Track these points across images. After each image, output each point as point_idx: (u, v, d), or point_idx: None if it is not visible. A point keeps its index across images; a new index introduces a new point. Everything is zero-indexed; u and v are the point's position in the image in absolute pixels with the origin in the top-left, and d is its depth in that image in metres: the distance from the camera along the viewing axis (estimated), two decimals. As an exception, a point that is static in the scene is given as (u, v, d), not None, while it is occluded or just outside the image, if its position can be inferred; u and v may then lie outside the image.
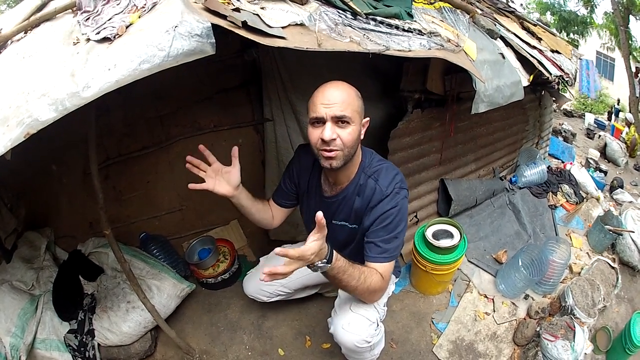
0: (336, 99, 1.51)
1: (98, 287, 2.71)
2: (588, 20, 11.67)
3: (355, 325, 1.85)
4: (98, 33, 1.42)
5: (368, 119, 1.65)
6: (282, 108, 2.80)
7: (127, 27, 1.41)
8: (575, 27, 11.61)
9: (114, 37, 1.37)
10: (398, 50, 1.88)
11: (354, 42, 1.77)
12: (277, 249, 1.38)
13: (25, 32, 1.78)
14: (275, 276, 1.34)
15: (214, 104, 2.91)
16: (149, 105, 2.74)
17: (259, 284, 2.40)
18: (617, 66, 14.92)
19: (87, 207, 2.80)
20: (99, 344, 2.51)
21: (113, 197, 2.89)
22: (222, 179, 1.80)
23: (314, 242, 1.38)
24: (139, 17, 1.46)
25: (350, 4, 2.00)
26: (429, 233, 2.61)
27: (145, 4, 1.53)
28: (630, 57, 10.92)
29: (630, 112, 9.40)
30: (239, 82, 2.91)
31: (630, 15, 11.07)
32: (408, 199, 1.75)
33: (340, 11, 1.95)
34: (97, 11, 1.62)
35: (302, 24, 1.69)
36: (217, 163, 1.78)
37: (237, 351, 2.59)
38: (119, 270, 2.71)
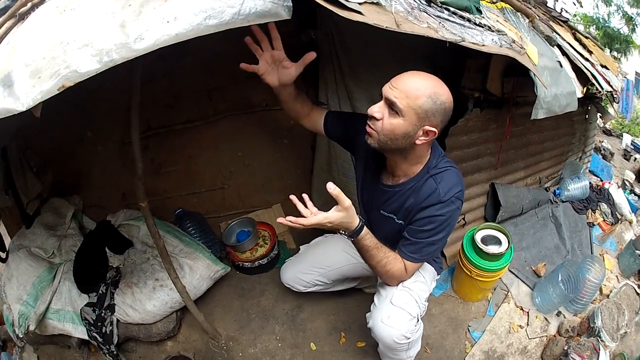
0: (403, 86, 1.44)
1: (125, 261, 2.64)
2: (629, 38, 11.52)
3: (396, 318, 1.80)
4: None
5: (435, 130, 1.49)
6: (338, 93, 2.69)
7: None
8: (618, 45, 11.47)
9: None
10: (473, 43, 1.79)
11: (432, 28, 1.67)
12: (292, 197, 1.58)
13: None
14: (294, 223, 1.47)
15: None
16: (198, 77, 2.63)
17: (298, 272, 2.34)
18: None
19: (122, 177, 2.74)
20: (118, 320, 2.42)
21: (151, 169, 2.81)
22: (275, 69, 1.74)
23: (335, 214, 1.52)
24: None
25: None
26: (478, 237, 2.52)
27: None
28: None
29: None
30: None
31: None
32: (460, 211, 1.68)
33: None
34: None
35: (377, 3, 1.58)
36: (281, 52, 1.68)
37: (267, 341, 2.52)
38: (150, 245, 2.64)
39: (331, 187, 1.45)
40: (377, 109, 1.48)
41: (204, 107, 2.78)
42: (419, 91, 1.43)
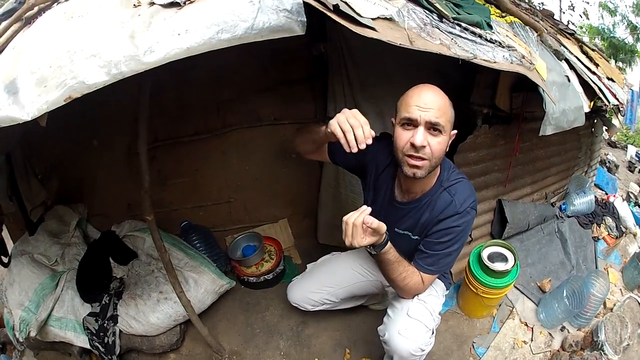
0: (433, 103, 1.43)
1: (129, 272, 2.63)
2: (634, 48, 11.53)
3: (413, 330, 1.80)
4: None
5: (456, 131, 1.56)
6: (347, 107, 2.67)
7: None
8: (623, 55, 11.48)
9: (184, 2, 1.21)
10: (485, 60, 1.78)
11: (445, 45, 1.67)
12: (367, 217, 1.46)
13: None
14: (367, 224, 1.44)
15: (276, 95, 2.81)
16: (207, 90, 2.63)
17: (306, 291, 2.32)
18: (660, 97, 14.68)
19: (128, 187, 2.71)
20: (120, 331, 2.41)
21: (157, 180, 2.80)
22: None
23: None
24: None
25: (437, 5, 1.92)
26: (484, 254, 2.51)
27: None
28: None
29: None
30: (304, 76, 2.81)
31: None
32: (473, 220, 1.70)
33: (427, 11, 1.86)
34: None
35: (391, 19, 1.58)
36: None
37: (271, 357, 2.50)
38: (155, 258, 2.62)
39: (369, 221, 1.43)
40: (421, 137, 1.43)
41: (212, 120, 2.77)
42: (445, 103, 1.48)
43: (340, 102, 2.68)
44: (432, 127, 1.44)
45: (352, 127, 1.37)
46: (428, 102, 1.43)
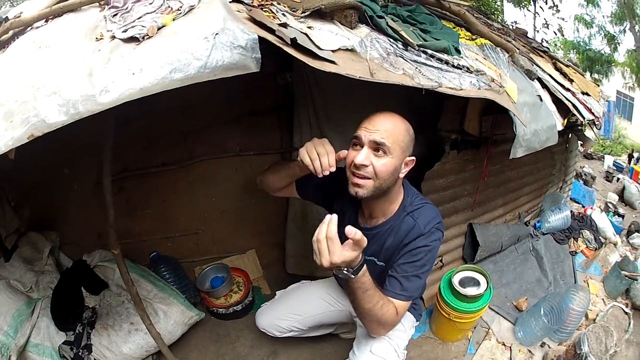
0: (381, 126, 1.47)
1: (100, 302, 2.61)
2: (611, 58, 11.73)
3: None
4: (125, 31, 1.29)
5: (414, 158, 1.58)
6: (313, 137, 2.67)
7: (159, 28, 1.28)
8: (599, 66, 11.67)
9: (143, 37, 1.24)
10: (450, 88, 1.79)
11: (408, 75, 1.68)
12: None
13: (46, 21, 1.66)
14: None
15: (241, 126, 2.81)
16: (173, 120, 2.62)
17: (274, 317, 2.31)
18: (636, 105, 14.89)
19: (97, 217, 2.64)
20: (95, 360, 2.37)
21: (126, 211, 2.77)
22: None
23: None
24: (173, 19, 1.34)
25: (402, 33, 1.92)
26: (455, 280, 2.50)
27: (181, 7, 1.42)
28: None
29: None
30: (270, 105, 2.82)
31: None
32: (441, 242, 1.68)
33: (391, 40, 1.86)
34: (127, 8, 1.51)
35: (352, 50, 1.60)
36: None
37: (243, 387, 2.47)
38: (125, 289, 2.59)
39: (351, 232, 1.27)
40: (362, 156, 1.46)
41: (178, 151, 2.76)
42: (398, 127, 1.51)
43: (306, 132, 2.68)
44: (377, 148, 1.46)
45: (318, 155, 1.49)
46: (376, 124, 1.48)
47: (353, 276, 1.38)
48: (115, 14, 1.49)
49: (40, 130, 1.02)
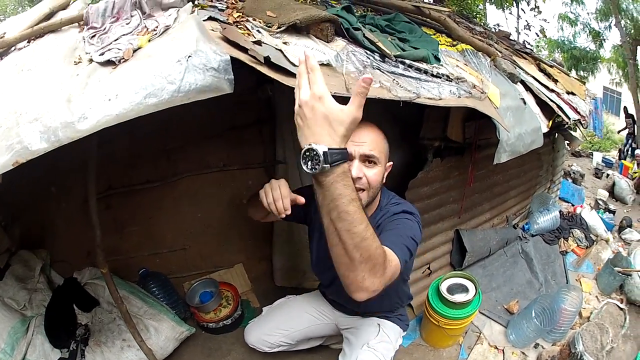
0: (366, 137, 1.51)
1: (92, 319, 2.61)
2: (596, 55, 11.79)
3: None
4: (102, 54, 1.32)
5: (391, 162, 1.63)
6: (296, 150, 2.68)
7: (134, 50, 1.31)
8: (585, 64, 11.75)
9: (119, 61, 1.27)
10: (429, 98, 1.80)
11: (384, 87, 1.70)
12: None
13: (29, 41, 1.69)
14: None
15: (224, 141, 2.82)
16: (155, 137, 2.63)
17: (262, 334, 2.32)
18: (623, 101, 14.95)
19: (85, 235, 2.63)
20: (90, 376, 2.37)
21: (113, 228, 2.78)
22: None
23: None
24: (149, 40, 1.37)
25: (379, 44, 1.93)
26: (443, 287, 2.52)
27: (157, 27, 1.46)
28: (638, 90, 10.97)
29: (637, 146, 9.36)
30: (252, 120, 2.83)
31: (639, 46, 11.15)
32: (421, 230, 1.62)
33: (368, 52, 1.88)
34: (105, 29, 1.54)
35: (328, 64, 1.62)
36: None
37: (235, 401, 2.46)
38: (116, 305, 2.60)
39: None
40: (357, 170, 1.49)
41: (162, 168, 2.77)
42: (378, 137, 1.55)
43: (289, 145, 2.68)
44: (367, 160, 1.51)
45: (274, 199, 1.46)
46: (362, 137, 1.49)
47: (325, 167, 0.92)
48: (94, 35, 1.51)
49: (24, 158, 1.05)
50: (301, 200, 1.47)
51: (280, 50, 1.49)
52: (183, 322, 2.64)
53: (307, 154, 0.93)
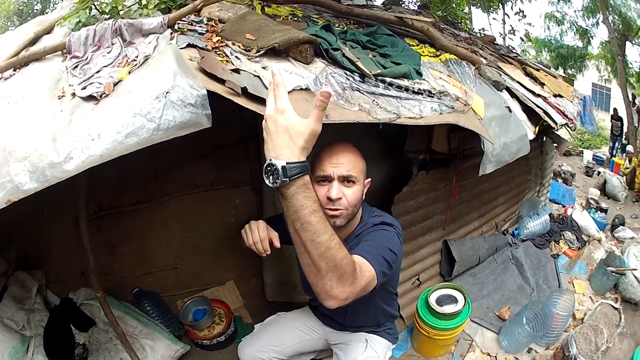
0: (343, 158, 1.53)
1: (90, 339, 2.64)
2: (584, 52, 11.81)
3: None
4: (84, 88, 1.34)
5: (370, 179, 1.65)
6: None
7: (115, 84, 1.33)
8: (573, 62, 11.77)
9: (101, 96, 1.29)
10: (409, 117, 1.81)
11: (364, 110, 1.70)
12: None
13: (14, 69, 1.72)
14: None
15: (210, 161, 2.84)
16: (143, 158, 2.61)
17: (254, 350, 2.30)
18: (613, 97, 14.99)
19: (79, 256, 2.65)
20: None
21: (106, 249, 2.80)
22: None
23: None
24: (129, 72, 1.39)
25: (359, 64, 1.92)
26: (432, 299, 2.54)
27: (137, 57, 1.48)
28: (628, 85, 11.00)
29: (628, 142, 9.39)
30: (237, 138, 2.85)
31: (627, 42, 11.18)
32: (402, 241, 1.65)
33: (348, 72, 1.87)
34: (87, 59, 1.56)
35: (307, 89, 1.61)
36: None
37: (232, 418, 2.48)
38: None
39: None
40: (336, 191, 1.51)
41: (151, 188, 2.79)
42: (355, 156, 1.57)
43: (275, 162, 2.69)
44: (346, 180, 1.53)
45: (254, 242, 1.61)
46: (340, 158, 1.53)
47: (290, 177, 0.96)
48: (76, 66, 1.52)
49: (16, 196, 1.10)
50: (276, 243, 1.62)
51: (259, 77, 1.51)
52: (178, 340, 2.68)
53: (268, 168, 0.98)
